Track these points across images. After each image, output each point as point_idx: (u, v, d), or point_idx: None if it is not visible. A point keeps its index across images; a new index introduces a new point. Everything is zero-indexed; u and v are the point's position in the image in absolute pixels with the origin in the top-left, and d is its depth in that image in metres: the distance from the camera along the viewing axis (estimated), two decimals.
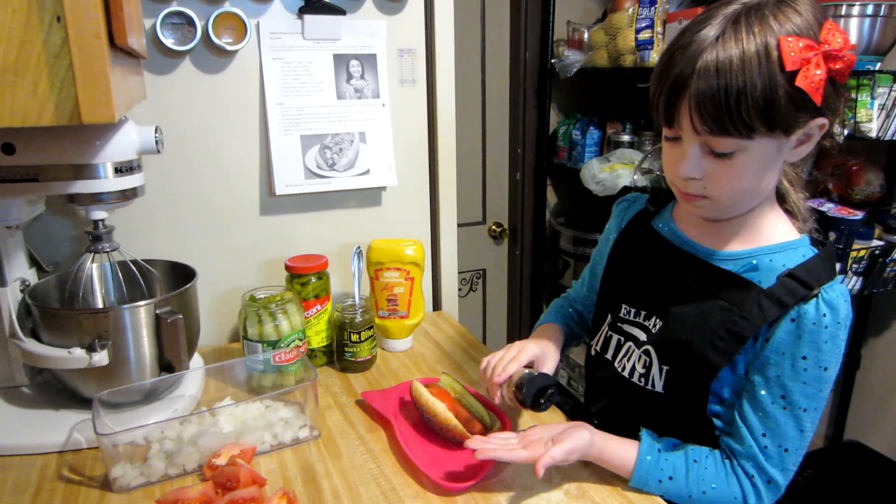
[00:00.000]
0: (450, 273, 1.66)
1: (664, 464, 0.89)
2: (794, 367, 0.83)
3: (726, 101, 0.74)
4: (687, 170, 0.82)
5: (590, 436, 0.90)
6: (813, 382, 0.83)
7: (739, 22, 0.75)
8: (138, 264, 1.16)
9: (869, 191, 1.85)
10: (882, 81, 1.55)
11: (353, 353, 1.28)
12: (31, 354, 1.02)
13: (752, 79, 0.73)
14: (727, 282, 0.87)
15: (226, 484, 0.90)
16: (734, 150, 0.78)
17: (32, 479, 0.95)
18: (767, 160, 0.80)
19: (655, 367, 0.92)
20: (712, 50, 0.75)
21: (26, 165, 0.94)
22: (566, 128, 2.41)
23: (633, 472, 0.90)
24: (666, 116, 0.81)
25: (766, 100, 0.74)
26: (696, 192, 0.85)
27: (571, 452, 0.88)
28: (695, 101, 0.76)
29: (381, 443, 1.06)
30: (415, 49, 1.47)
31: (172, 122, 1.28)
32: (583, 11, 2.39)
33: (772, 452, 0.85)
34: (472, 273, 2.57)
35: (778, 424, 0.84)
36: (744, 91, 0.73)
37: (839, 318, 0.81)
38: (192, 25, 1.24)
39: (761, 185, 0.83)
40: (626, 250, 1.04)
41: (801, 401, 0.83)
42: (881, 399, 2.14)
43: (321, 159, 1.41)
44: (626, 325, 0.99)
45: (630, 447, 0.92)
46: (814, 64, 0.73)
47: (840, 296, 0.82)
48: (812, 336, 0.81)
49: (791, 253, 0.86)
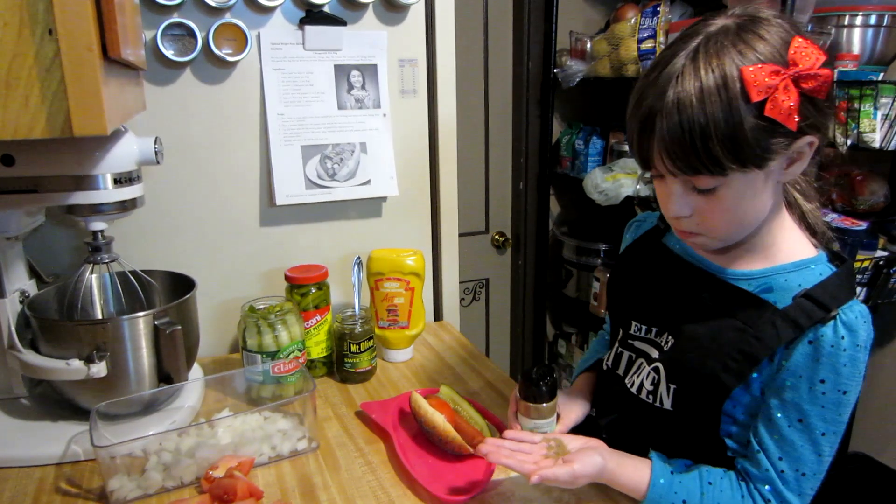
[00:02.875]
0: (451, 283, 1.65)
1: (678, 486, 0.86)
2: (811, 390, 0.80)
3: (691, 140, 0.71)
4: (674, 209, 0.80)
5: (602, 462, 0.86)
6: (831, 406, 0.80)
7: (699, 56, 0.72)
8: (137, 275, 1.16)
9: (873, 201, 1.83)
10: (885, 92, 1.54)
11: (353, 363, 1.28)
12: (29, 366, 1.02)
13: (715, 115, 0.70)
14: (741, 301, 0.85)
15: (223, 496, 0.90)
16: (715, 186, 0.76)
17: (30, 492, 0.95)
18: (756, 189, 0.78)
19: (663, 385, 0.90)
20: (673, 87, 0.72)
21: (26, 177, 0.94)
22: (569, 137, 2.41)
23: (646, 495, 0.87)
24: (640, 158, 0.79)
25: (731, 135, 0.71)
26: (690, 229, 0.83)
27: (577, 478, 0.85)
28: (661, 143, 0.74)
29: (379, 455, 1.06)
30: (416, 59, 1.47)
31: (173, 133, 1.28)
32: (585, 21, 2.39)
33: (789, 476, 0.83)
34: (475, 282, 2.57)
35: (795, 448, 0.82)
36: (706, 128, 0.71)
37: (858, 340, 0.78)
38: (193, 36, 1.24)
39: (756, 212, 0.81)
40: (634, 266, 1.02)
41: (819, 425, 0.81)
42: (887, 411, 2.12)
43: (322, 169, 1.41)
44: (637, 341, 0.97)
45: (643, 470, 0.88)
46: (782, 90, 0.70)
47: (859, 317, 0.79)
48: (830, 359, 0.78)
49: (807, 272, 0.83)
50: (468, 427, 1.03)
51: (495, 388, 1.27)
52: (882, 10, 1.68)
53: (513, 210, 2.56)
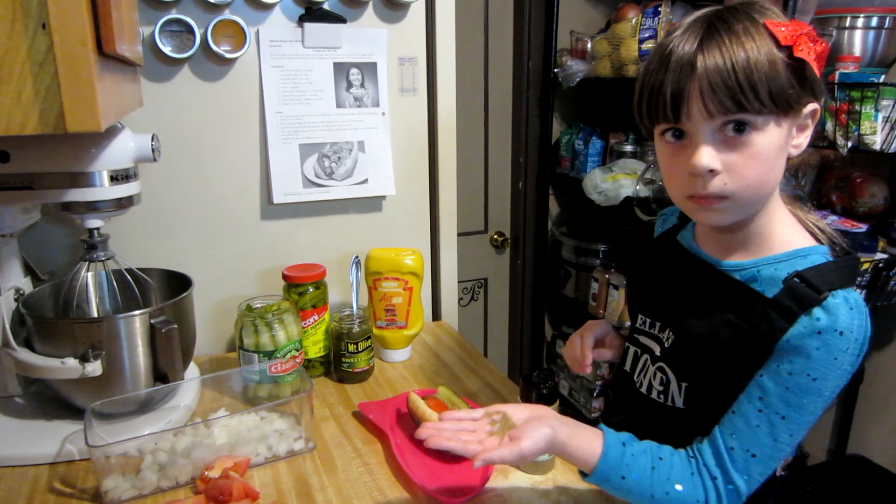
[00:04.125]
0: (449, 283, 1.64)
1: (629, 459, 0.83)
2: (778, 368, 0.77)
3: (734, 72, 0.72)
4: (704, 160, 0.76)
5: (551, 434, 0.81)
6: (797, 391, 0.77)
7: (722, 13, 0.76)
8: (134, 273, 1.15)
9: (873, 203, 1.83)
10: (886, 94, 1.54)
11: (351, 363, 1.27)
12: (24, 364, 1.01)
13: (754, 51, 0.73)
14: (733, 292, 0.83)
15: (218, 497, 0.89)
16: (750, 130, 0.75)
17: (24, 491, 0.94)
18: (780, 144, 0.78)
19: (674, 384, 0.88)
20: (708, 35, 0.74)
21: (21, 173, 0.93)
22: (569, 137, 2.41)
23: (596, 466, 0.82)
24: (673, 106, 0.76)
25: (771, 71, 0.73)
26: (717, 190, 0.78)
27: (524, 457, 0.80)
28: (706, 81, 0.73)
29: (377, 455, 1.05)
30: (415, 57, 1.46)
31: (170, 130, 1.27)
32: (586, 21, 2.38)
33: (737, 455, 0.80)
34: (474, 282, 2.56)
35: (749, 426, 0.79)
36: (748, 62, 0.72)
37: (837, 325, 0.75)
38: (191, 33, 1.24)
39: (774, 176, 0.80)
40: (648, 261, 1.01)
41: (780, 406, 0.77)
42: (884, 413, 2.11)
43: (319, 168, 1.40)
44: (642, 336, 0.96)
45: (594, 441, 0.84)
46: (805, 38, 0.74)
47: (843, 303, 0.75)
48: (800, 341, 0.76)
49: (799, 261, 0.80)
50: None
51: (493, 389, 1.26)
52: (883, 13, 1.67)
53: (512, 210, 2.55)
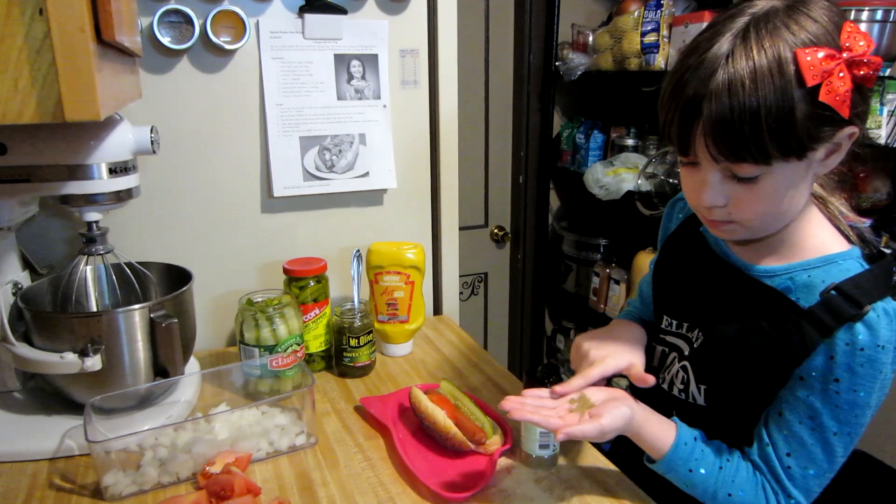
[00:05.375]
0: (451, 277, 1.63)
1: (699, 454, 0.84)
2: (825, 390, 0.77)
3: (740, 125, 0.68)
4: (709, 199, 0.76)
5: (630, 413, 0.83)
6: (845, 406, 0.77)
7: (749, 36, 0.69)
8: (133, 267, 1.14)
9: (876, 198, 1.82)
10: (892, 88, 1.52)
11: (352, 358, 1.26)
12: (22, 359, 1.00)
13: (767, 98, 0.67)
14: (766, 299, 0.81)
15: (220, 493, 0.88)
16: (757, 175, 0.73)
17: (23, 487, 0.93)
18: (797, 179, 0.74)
19: (693, 385, 0.89)
20: (724, 69, 0.68)
21: (18, 166, 0.92)
22: (570, 131, 2.39)
23: (667, 454, 0.84)
24: (680, 144, 0.75)
25: (781, 122, 0.68)
26: (722, 218, 0.79)
27: (606, 433, 0.81)
28: (710, 127, 0.70)
29: (379, 450, 1.04)
30: (417, 50, 1.45)
31: (169, 122, 1.26)
32: (587, 14, 2.37)
33: (795, 473, 0.81)
34: (474, 277, 2.55)
35: (804, 446, 0.80)
36: (757, 113, 0.67)
37: (879, 340, 0.74)
38: (191, 24, 1.22)
39: (793, 204, 0.77)
40: (673, 255, 0.99)
41: (832, 424, 0.78)
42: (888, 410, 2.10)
43: (320, 161, 1.39)
44: (669, 336, 0.95)
45: (668, 429, 0.85)
46: (837, 75, 0.67)
47: (884, 316, 0.74)
48: (846, 358, 0.75)
49: (833, 268, 0.79)
50: (469, 423, 1.01)
51: (496, 384, 1.26)
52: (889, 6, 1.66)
53: (512, 204, 2.54)
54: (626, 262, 2.19)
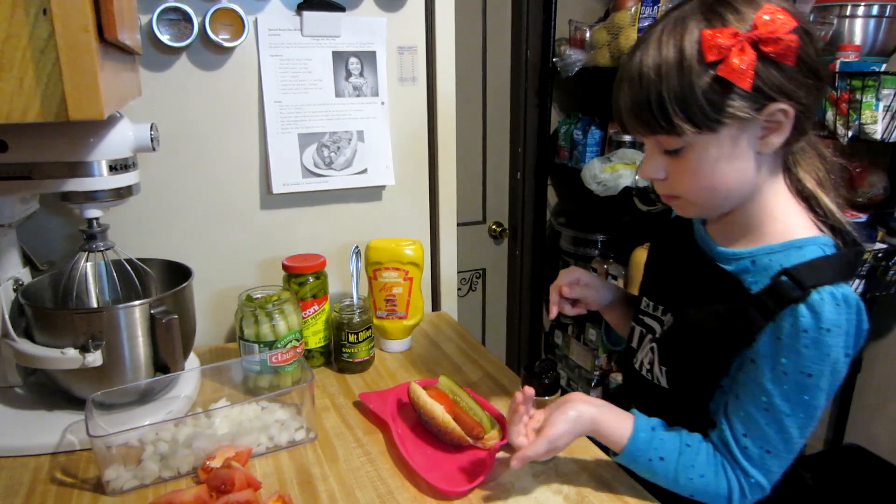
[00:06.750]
0: (449, 273, 1.64)
1: (658, 443, 0.86)
2: (773, 370, 0.78)
3: (648, 101, 0.75)
4: (647, 171, 0.84)
5: (575, 414, 0.86)
6: (794, 388, 0.78)
7: (668, 25, 0.76)
8: (133, 263, 1.14)
9: (872, 193, 1.83)
10: (887, 83, 1.53)
11: (351, 353, 1.27)
12: (23, 355, 1.01)
13: (669, 75, 0.74)
14: (723, 283, 0.84)
15: (220, 487, 0.89)
16: (680, 147, 0.79)
17: (25, 481, 0.94)
18: (723, 154, 0.78)
19: (657, 366, 0.91)
20: (638, 54, 0.76)
21: (19, 163, 0.92)
22: (567, 127, 2.40)
23: (626, 446, 0.86)
24: (621, 125, 0.83)
25: (683, 95, 0.74)
26: (666, 192, 0.85)
27: (554, 443, 0.84)
28: (625, 106, 0.79)
29: (378, 445, 1.05)
30: (415, 47, 1.45)
31: (168, 120, 1.27)
32: (585, 10, 2.37)
33: (753, 454, 0.82)
34: (472, 273, 2.56)
35: (759, 427, 0.81)
36: (661, 88, 0.74)
37: (822, 322, 0.75)
38: (189, 21, 1.22)
39: (729, 179, 0.80)
40: (662, 238, 1.03)
41: (783, 405, 0.79)
42: (882, 403, 2.12)
43: (319, 158, 1.39)
44: (646, 317, 0.98)
45: (626, 422, 0.88)
46: (737, 51, 0.72)
47: (829, 299, 0.75)
48: (791, 340, 0.76)
49: (794, 253, 0.80)
50: (467, 418, 1.02)
51: (494, 379, 1.27)
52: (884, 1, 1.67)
53: (510, 200, 2.55)
54: (623, 258, 2.20)
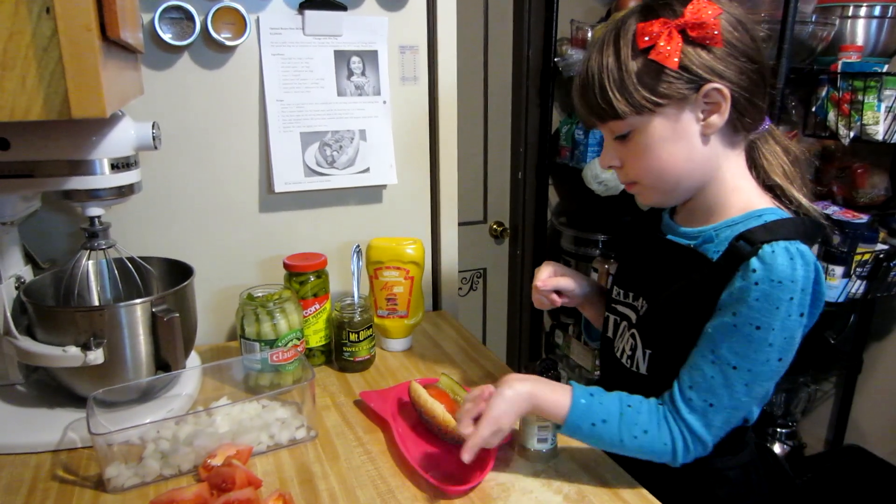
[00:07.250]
0: (450, 273, 1.64)
1: (598, 407, 0.87)
2: (723, 322, 0.80)
3: (590, 88, 0.83)
4: (604, 159, 0.91)
5: (511, 394, 0.87)
6: (743, 341, 0.79)
7: (612, 27, 0.84)
8: (135, 261, 1.15)
9: (874, 194, 1.83)
10: (889, 84, 1.54)
11: (352, 352, 1.27)
12: (25, 352, 1.01)
13: (608, 62, 0.81)
14: (686, 258, 0.87)
15: (221, 485, 0.89)
16: (627, 132, 0.84)
17: (26, 479, 0.94)
18: (668, 136, 0.82)
19: (640, 351, 0.92)
20: (588, 52, 0.85)
21: (21, 161, 0.92)
22: (568, 127, 2.40)
23: (567, 416, 0.87)
24: (581, 120, 0.92)
25: (620, 79, 0.80)
26: (624, 179, 0.90)
27: (499, 422, 0.85)
28: (577, 99, 0.87)
29: (379, 444, 1.05)
30: (417, 46, 1.45)
31: (170, 118, 1.27)
32: (586, 10, 2.37)
33: (696, 406, 0.83)
34: (473, 272, 2.56)
35: (705, 378, 0.82)
36: (601, 75, 0.81)
37: (774, 275, 0.76)
38: (191, 20, 1.23)
39: (678, 161, 0.84)
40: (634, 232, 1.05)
41: (730, 357, 0.80)
42: (882, 404, 2.12)
43: (321, 157, 1.39)
44: (619, 305, 1.00)
45: (564, 393, 0.88)
46: (665, 36, 0.78)
47: (781, 253, 0.77)
48: (741, 293, 0.78)
49: (753, 221, 0.82)
50: None
51: (495, 379, 1.26)
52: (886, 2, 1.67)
53: (511, 200, 2.55)
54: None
